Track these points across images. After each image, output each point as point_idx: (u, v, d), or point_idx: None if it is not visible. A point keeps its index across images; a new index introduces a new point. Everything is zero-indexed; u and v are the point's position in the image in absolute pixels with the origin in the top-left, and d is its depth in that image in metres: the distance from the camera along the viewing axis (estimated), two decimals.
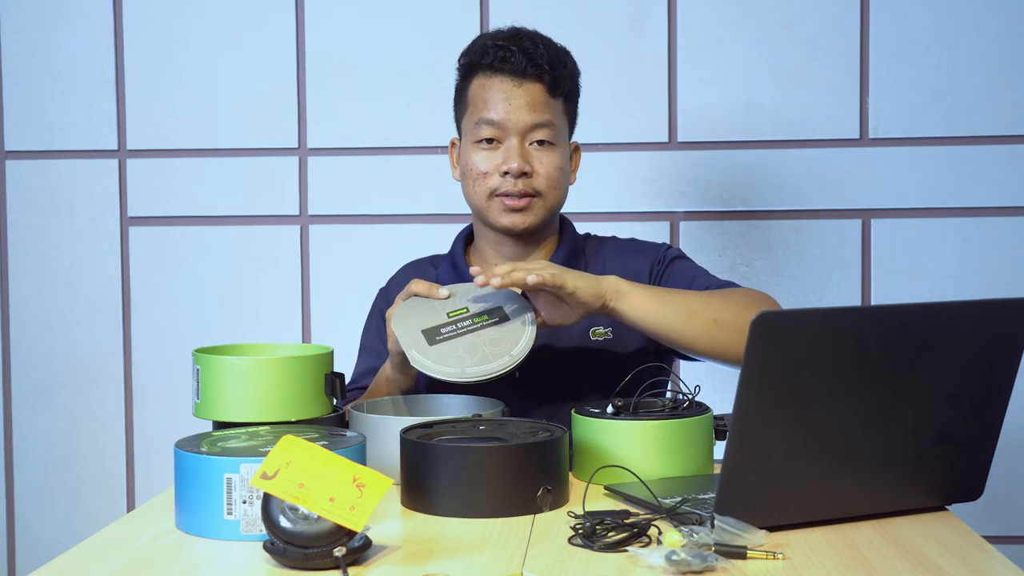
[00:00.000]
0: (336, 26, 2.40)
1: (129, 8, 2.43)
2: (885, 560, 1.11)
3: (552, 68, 1.68)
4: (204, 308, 2.43)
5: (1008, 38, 2.30)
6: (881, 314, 1.22)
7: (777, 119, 2.34)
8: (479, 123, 1.69)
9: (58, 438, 2.46)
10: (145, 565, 1.13)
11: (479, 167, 1.69)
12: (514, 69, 1.67)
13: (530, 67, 1.67)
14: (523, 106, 1.67)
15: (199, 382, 1.41)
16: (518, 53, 1.67)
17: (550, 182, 1.69)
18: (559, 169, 1.69)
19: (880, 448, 1.22)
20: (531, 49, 1.67)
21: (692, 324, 1.53)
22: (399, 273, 1.87)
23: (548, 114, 1.68)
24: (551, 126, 1.68)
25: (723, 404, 1.44)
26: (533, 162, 1.68)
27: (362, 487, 1.10)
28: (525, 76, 1.67)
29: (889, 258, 2.33)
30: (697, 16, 2.34)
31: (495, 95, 1.68)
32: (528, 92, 1.67)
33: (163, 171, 2.43)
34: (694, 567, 1.05)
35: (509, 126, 1.67)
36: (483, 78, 1.70)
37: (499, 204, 1.69)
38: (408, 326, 1.52)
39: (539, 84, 1.68)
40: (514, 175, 1.66)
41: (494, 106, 1.67)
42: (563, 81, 1.70)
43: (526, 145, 1.68)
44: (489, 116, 1.68)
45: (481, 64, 1.70)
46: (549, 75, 1.68)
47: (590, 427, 1.43)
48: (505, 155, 1.67)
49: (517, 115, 1.67)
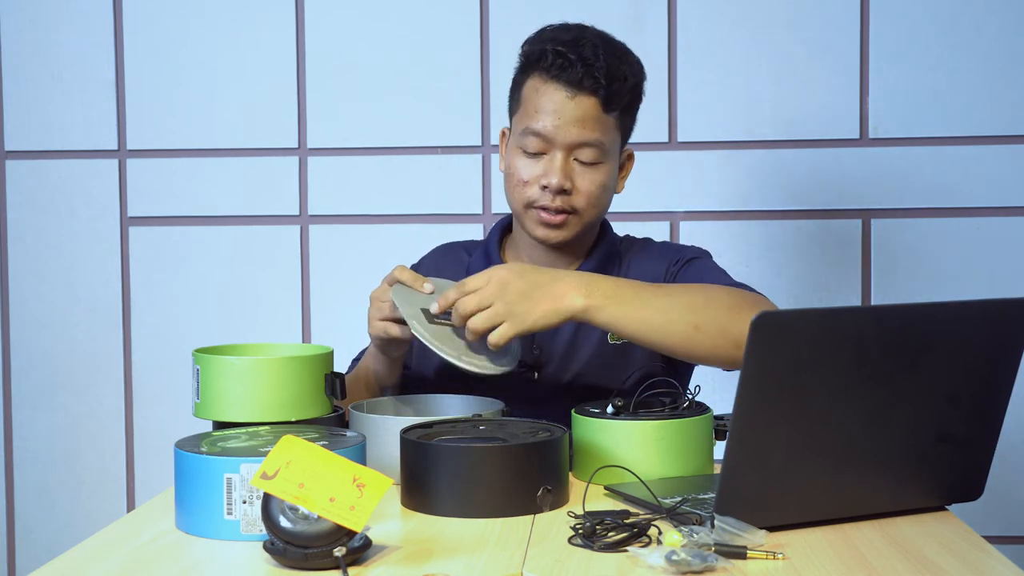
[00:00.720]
0: (336, 26, 2.40)
1: (129, 8, 2.43)
2: (885, 560, 1.11)
3: (609, 83, 1.59)
4: (204, 308, 2.43)
5: (1008, 38, 2.30)
6: (881, 314, 1.22)
7: (777, 119, 2.34)
8: (526, 132, 1.62)
9: (58, 438, 2.46)
10: (145, 565, 1.13)
11: (520, 174, 1.64)
12: (570, 79, 1.59)
13: (587, 79, 1.58)
14: (573, 121, 1.60)
15: (199, 382, 1.41)
16: (577, 62, 1.59)
17: (590, 200, 1.63)
18: (601, 187, 1.63)
19: (880, 448, 1.22)
20: (591, 59, 1.58)
21: (670, 332, 1.46)
22: (431, 254, 1.86)
23: (597, 132, 1.61)
24: (599, 145, 1.61)
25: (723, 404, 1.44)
26: (575, 178, 1.62)
27: (362, 487, 1.10)
28: (580, 88, 1.59)
29: (889, 258, 2.33)
30: (697, 16, 2.34)
31: (546, 105, 1.60)
32: (580, 106, 1.59)
33: (163, 171, 2.43)
34: (694, 567, 1.05)
35: (556, 140, 1.61)
36: (538, 81, 1.62)
37: (535, 215, 1.64)
38: (407, 302, 1.51)
39: (593, 98, 1.59)
40: (553, 191, 1.61)
41: (543, 117, 1.60)
42: (620, 96, 1.61)
43: (570, 160, 1.62)
44: (536, 127, 1.61)
45: (538, 65, 1.63)
46: (605, 90, 1.59)
47: (590, 427, 1.43)
48: (547, 168, 1.62)
49: (566, 130, 1.60)
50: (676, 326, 1.45)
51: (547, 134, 1.61)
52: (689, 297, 1.49)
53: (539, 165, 1.63)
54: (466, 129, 2.39)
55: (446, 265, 1.80)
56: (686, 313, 1.46)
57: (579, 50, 1.60)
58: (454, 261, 1.80)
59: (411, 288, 1.53)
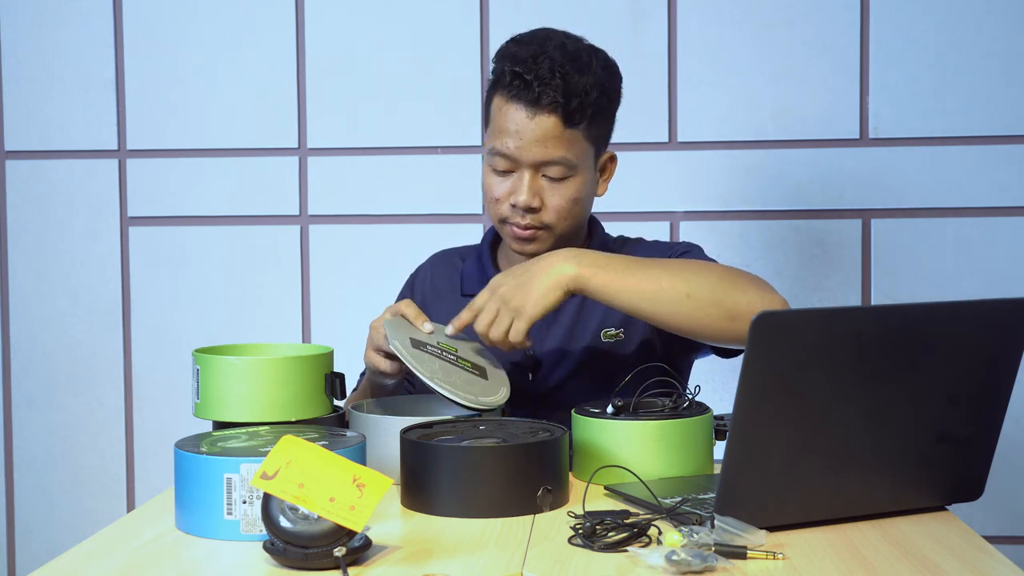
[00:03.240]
0: (336, 26, 2.40)
1: (129, 8, 2.43)
2: (885, 560, 1.11)
3: (568, 100, 1.58)
4: (204, 308, 2.43)
5: (1008, 38, 2.30)
6: (881, 314, 1.22)
7: (777, 119, 2.34)
8: (492, 151, 1.63)
9: (58, 438, 2.46)
10: (145, 565, 1.13)
11: (492, 192, 1.65)
12: (528, 99, 1.58)
13: (544, 98, 1.57)
14: (535, 141, 1.59)
15: (199, 382, 1.41)
16: (533, 82, 1.58)
17: (559, 215, 1.63)
18: (571, 201, 1.63)
19: (880, 448, 1.22)
20: (547, 78, 1.57)
21: (663, 301, 1.45)
22: (428, 263, 1.88)
23: (561, 149, 1.60)
24: (563, 162, 1.61)
25: (723, 404, 1.44)
26: (544, 196, 1.62)
27: (362, 487, 1.10)
28: (539, 107, 1.58)
29: (889, 258, 2.33)
30: (697, 16, 2.34)
31: (508, 125, 1.60)
32: (541, 126, 1.59)
33: (163, 171, 2.43)
34: (694, 567, 1.05)
35: (520, 160, 1.61)
36: (501, 100, 1.63)
37: (509, 231, 1.66)
38: (399, 329, 1.51)
39: (553, 116, 1.58)
40: (521, 208, 1.62)
41: (506, 138, 1.61)
42: (581, 111, 1.59)
43: (538, 178, 1.62)
44: (501, 148, 1.61)
45: (500, 84, 1.63)
46: (563, 108, 1.58)
47: (590, 427, 1.43)
48: (515, 186, 1.62)
49: (529, 150, 1.60)
50: (667, 294, 1.45)
51: (511, 155, 1.61)
52: (681, 268, 1.49)
53: (508, 183, 1.64)
54: (466, 129, 2.39)
55: (442, 272, 1.82)
56: (677, 282, 1.46)
57: (536, 69, 1.58)
58: (449, 268, 1.82)
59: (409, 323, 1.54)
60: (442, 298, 1.79)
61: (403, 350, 1.45)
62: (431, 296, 1.80)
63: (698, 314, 1.45)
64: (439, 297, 1.79)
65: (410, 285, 1.86)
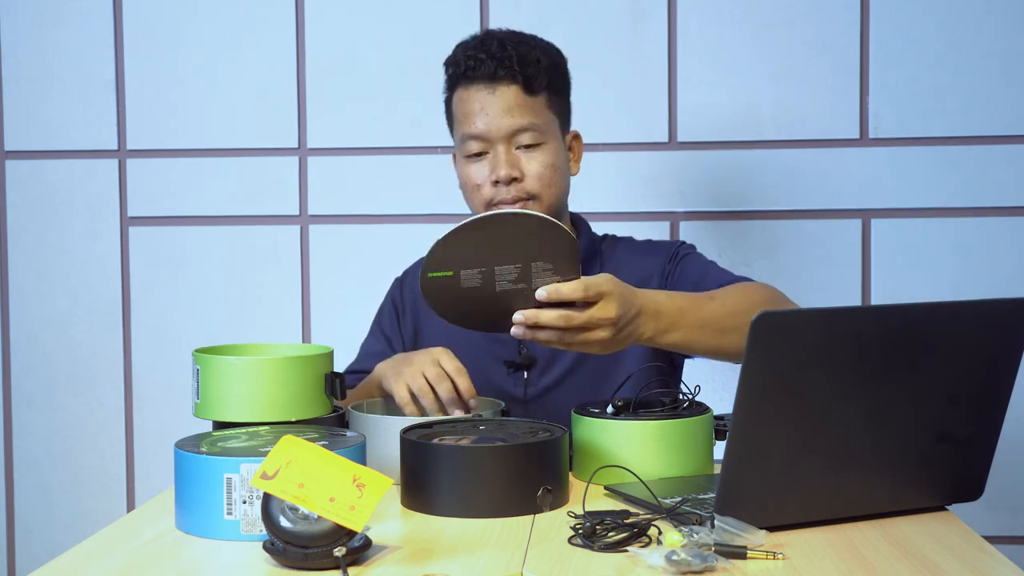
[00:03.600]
0: (336, 26, 2.40)
1: (129, 8, 2.43)
2: (885, 560, 1.11)
3: (524, 67, 1.66)
4: (204, 308, 2.43)
5: (1008, 38, 2.30)
6: (881, 314, 1.22)
7: (777, 119, 2.34)
8: (464, 138, 1.70)
9: (58, 438, 2.46)
10: (145, 565, 1.13)
11: (473, 179, 1.70)
12: (486, 75, 1.67)
13: (500, 70, 1.66)
14: (501, 112, 1.66)
15: (199, 382, 1.41)
16: (486, 59, 1.66)
17: (543, 182, 1.68)
18: (550, 167, 1.68)
19: (880, 448, 1.22)
20: (499, 52, 1.66)
21: (724, 340, 1.48)
22: (413, 267, 1.89)
23: (528, 116, 1.67)
24: (534, 128, 1.67)
25: (723, 404, 1.44)
26: (522, 165, 1.67)
27: (362, 487, 1.10)
28: (497, 80, 1.66)
29: (889, 258, 2.33)
30: (697, 16, 2.34)
31: (473, 106, 1.68)
32: (503, 97, 1.67)
33: (163, 171, 2.43)
34: (694, 567, 1.05)
35: (491, 135, 1.67)
36: (461, 91, 1.70)
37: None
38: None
39: (514, 86, 1.67)
40: (504, 182, 1.67)
41: (474, 119, 1.67)
42: (539, 77, 1.68)
43: (513, 150, 1.68)
44: (471, 130, 1.68)
45: (457, 75, 1.70)
46: (521, 75, 1.66)
47: (590, 427, 1.43)
48: (493, 164, 1.67)
49: (497, 123, 1.66)
50: (729, 335, 1.48)
51: (481, 133, 1.67)
52: (732, 303, 1.52)
53: (485, 164, 1.68)
54: None
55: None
56: (733, 320, 1.48)
57: (487, 48, 1.67)
58: None
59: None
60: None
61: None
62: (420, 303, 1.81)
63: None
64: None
65: (398, 287, 1.86)
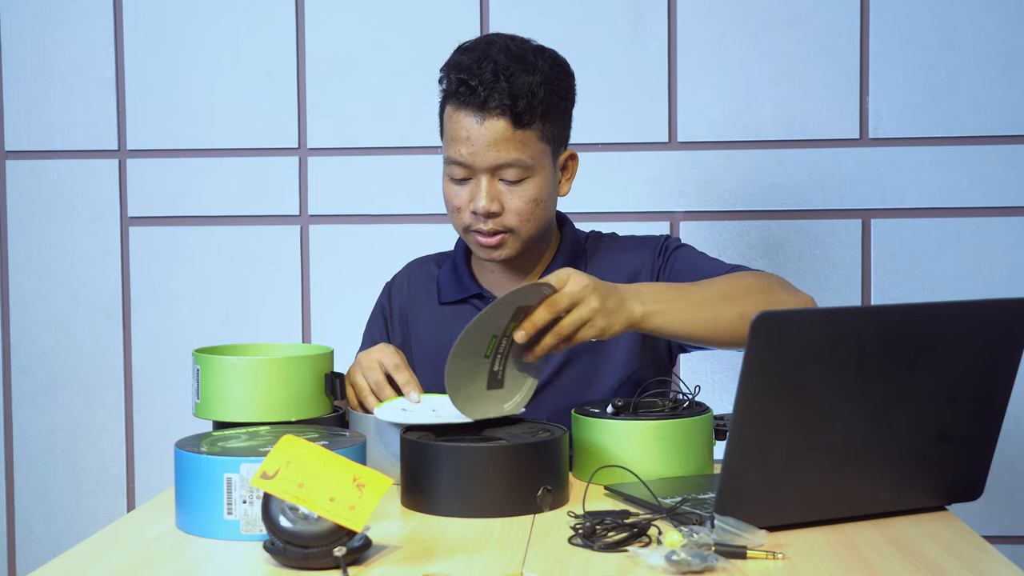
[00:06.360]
0: (336, 26, 2.40)
1: (129, 8, 2.43)
2: (885, 560, 1.11)
3: (515, 100, 1.58)
4: (204, 308, 2.43)
5: (1008, 38, 2.30)
6: (881, 314, 1.22)
7: (777, 119, 2.34)
8: (448, 160, 1.64)
9: (58, 438, 2.46)
10: (145, 565, 1.13)
11: (453, 201, 1.65)
12: (475, 104, 1.58)
13: (490, 101, 1.58)
14: (487, 145, 1.59)
15: (199, 382, 1.41)
16: (478, 88, 1.58)
17: (521, 217, 1.63)
18: (531, 202, 1.63)
19: (880, 448, 1.22)
20: (491, 81, 1.57)
21: (719, 326, 1.47)
22: (404, 272, 1.87)
23: (515, 151, 1.60)
24: (518, 163, 1.60)
25: (723, 404, 1.44)
26: (503, 199, 1.62)
27: (362, 487, 1.10)
28: (487, 111, 1.58)
29: (889, 258, 2.33)
30: (697, 16, 2.34)
31: (459, 132, 1.61)
32: (491, 130, 1.59)
33: (163, 171, 2.43)
34: (694, 567, 1.05)
35: (475, 165, 1.61)
36: (451, 108, 1.63)
37: (474, 239, 1.66)
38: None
39: (502, 119, 1.58)
40: (482, 215, 1.62)
41: (459, 145, 1.61)
42: (530, 111, 1.59)
43: (496, 182, 1.62)
44: (456, 156, 1.62)
45: (448, 92, 1.64)
46: (511, 110, 1.58)
47: (590, 427, 1.43)
48: (473, 192, 1.62)
49: (482, 155, 1.60)
50: (723, 321, 1.47)
51: (465, 161, 1.61)
52: (725, 289, 1.51)
53: (466, 190, 1.64)
54: None
55: (418, 281, 1.82)
56: (730, 305, 1.48)
57: (480, 74, 1.59)
58: (425, 276, 1.82)
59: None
60: (420, 307, 1.79)
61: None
62: (409, 306, 1.81)
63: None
64: (417, 306, 1.79)
65: (387, 295, 1.85)
